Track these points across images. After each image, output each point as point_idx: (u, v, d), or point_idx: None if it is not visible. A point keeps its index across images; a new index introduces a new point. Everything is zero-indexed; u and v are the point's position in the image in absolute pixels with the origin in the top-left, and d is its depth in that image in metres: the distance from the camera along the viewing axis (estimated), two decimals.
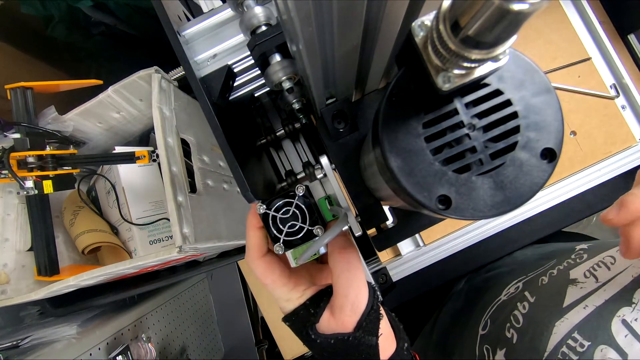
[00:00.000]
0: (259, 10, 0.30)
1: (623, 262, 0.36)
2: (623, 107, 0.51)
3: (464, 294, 0.57)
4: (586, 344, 0.31)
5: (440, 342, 0.56)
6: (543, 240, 0.54)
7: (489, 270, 0.55)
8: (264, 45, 0.29)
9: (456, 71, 0.16)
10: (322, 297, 0.29)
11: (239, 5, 0.32)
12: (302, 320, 0.29)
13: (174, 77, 0.48)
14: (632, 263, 0.35)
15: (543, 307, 0.38)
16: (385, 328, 0.29)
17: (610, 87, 0.51)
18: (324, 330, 0.28)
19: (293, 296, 0.30)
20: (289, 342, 0.68)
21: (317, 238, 0.28)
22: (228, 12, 0.36)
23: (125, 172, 0.56)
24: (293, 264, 0.30)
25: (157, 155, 0.46)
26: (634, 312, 0.31)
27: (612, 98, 0.50)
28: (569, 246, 0.47)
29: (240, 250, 0.54)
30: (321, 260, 0.36)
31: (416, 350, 0.59)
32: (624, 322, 0.31)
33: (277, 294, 0.30)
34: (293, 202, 0.28)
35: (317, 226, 0.28)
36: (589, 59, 0.50)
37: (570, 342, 0.32)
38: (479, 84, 0.18)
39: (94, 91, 0.49)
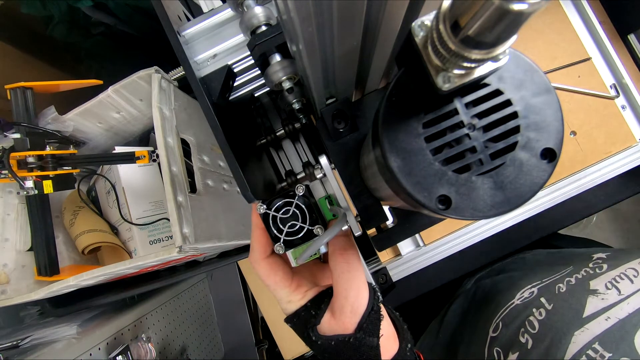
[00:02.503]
0: (259, 10, 0.30)
1: None
2: (623, 107, 0.51)
3: (472, 295, 0.56)
4: (607, 355, 0.31)
5: (447, 342, 0.56)
6: (543, 240, 0.54)
7: (499, 272, 0.55)
8: (264, 45, 0.29)
9: (456, 71, 0.16)
10: (323, 299, 0.29)
11: (239, 5, 0.32)
12: (304, 321, 0.29)
13: (174, 77, 0.48)
14: None
15: (561, 315, 0.38)
16: (387, 328, 0.29)
17: (610, 87, 0.51)
18: (325, 332, 0.28)
19: (295, 298, 0.30)
20: (289, 342, 0.68)
21: (317, 237, 0.28)
22: (228, 12, 0.36)
23: (125, 172, 0.56)
24: (293, 264, 0.30)
25: (157, 155, 0.46)
26: None
27: (612, 98, 0.50)
28: (585, 254, 0.47)
29: (240, 250, 0.54)
30: (324, 260, 0.36)
31: (424, 350, 0.59)
32: None
33: (279, 295, 0.30)
34: (293, 202, 0.28)
35: (317, 226, 0.28)
36: (589, 59, 0.50)
37: (590, 352, 0.32)
38: (479, 84, 0.18)
39: (94, 91, 0.49)
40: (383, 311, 0.29)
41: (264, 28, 0.30)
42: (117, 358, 0.52)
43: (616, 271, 0.38)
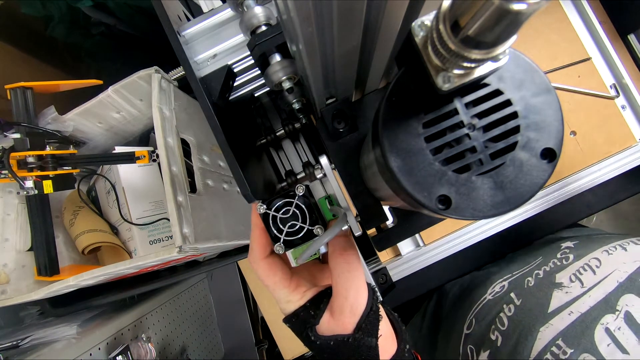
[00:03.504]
0: (259, 10, 0.30)
1: (609, 265, 0.36)
2: (623, 107, 0.51)
3: (451, 289, 0.57)
4: (569, 351, 0.31)
5: (429, 337, 0.56)
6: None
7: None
8: (264, 45, 0.29)
9: (456, 71, 0.16)
10: (322, 299, 0.29)
11: (239, 5, 0.32)
12: (303, 321, 0.29)
13: (174, 77, 0.48)
14: (617, 267, 0.35)
15: (528, 311, 0.38)
16: (385, 329, 0.29)
17: (610, 87, 0.51)
18: (324, 332, 0.28)
19: (293, 298, 0.30)
20: (289, 342, 0.68)
21: (317, 237, 0.28)
22: (228, 12, 0.36)
23: (125, 172, 0.56)
24: (293, 264, 0.30)
25: (157, 155, 0.46)
26: (617, 321, 0.31)
27: (612, 98, 0.50)
28: (555, 243, 0.47)
29: (240, 250, 0.54)
30: (323, 260, 0.36)
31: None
32: (607, 330, 0.31)
33: (278, 296, 0.30)
34: (293, 202, 0.28)
35: (317, 226, 0.28)
36: (589, 59, 0.50)
37: (554, 349, 0.32)
38: (478, 84, 0.18)
39: (94, 91, 0.49)
40: (382, 311, 0.29)
41: (264, 28, 0.30)
42: (117, 358, 0.52)
43: (581, 262, 0.38)
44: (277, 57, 0.30)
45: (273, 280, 0.29)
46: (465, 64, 0.15)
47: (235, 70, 0.37)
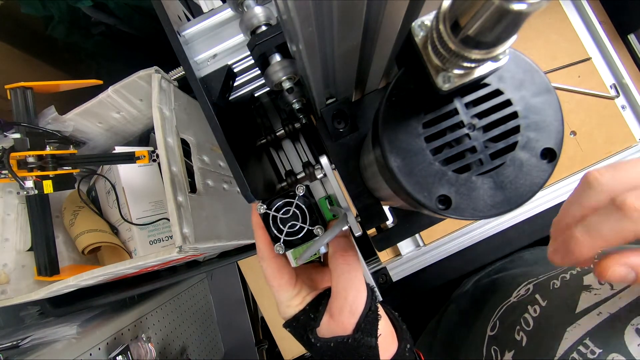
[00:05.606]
0: (259, 10, 0.30)
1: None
2: (623, 107, 0.51)
3: (471, 295, 0.56)
4: (597, 351, 0.31)
5: (446, 341, 0.56)
6: (544, 240, 0.54)
7: (498, 271, 0.55)
8: (264, 45, 0.29)
9: (456, 71, 0.16)
10: (321, 301, 0.29)
11: (239, 5, 0.32)
12: (303, 325, 0.29)
13: (174, 77, 0.48)
14: None
15: (554, 311, 0.38)
16: (385, 328, 0.29)
17: (610, 87, 0.51)
18: (324, 334, 0.28)
19: (294, 302, 0.30)
20: (289, 342, 0.68)
21: (317, 238, 0.28)
22: (228, 12, 0.36)
23: (125, 172, 0.56)
24: (293, 264, 0.30)
25: (157, 155, 0.46)
26: None
27: (612, 98, 0.50)
28: None
29: (240, 250, 0.54)
30: (323, 261, 0.36)
31: (422, 348, 0.59)
32: (638, 331, 0.30)
33: (280, 298, 0.30)
34: (293, 202, 0.28)
35: (317, 226, 0.28)
36: (589, 59, 0.50)
37: (581, 348, 0.32)
38: (479, 84, 0.18)
39: (94, 91, 0.49)
40: (381, 311, 0.29)
41: (264, 28, 0.30)
42: (117, 358, 0.52)
43: None
44: (277, 57, 0.30)
45: (279, 282, 0.29)
46: (465, 64, 0.15)
47: (235, 70, 0.37)
